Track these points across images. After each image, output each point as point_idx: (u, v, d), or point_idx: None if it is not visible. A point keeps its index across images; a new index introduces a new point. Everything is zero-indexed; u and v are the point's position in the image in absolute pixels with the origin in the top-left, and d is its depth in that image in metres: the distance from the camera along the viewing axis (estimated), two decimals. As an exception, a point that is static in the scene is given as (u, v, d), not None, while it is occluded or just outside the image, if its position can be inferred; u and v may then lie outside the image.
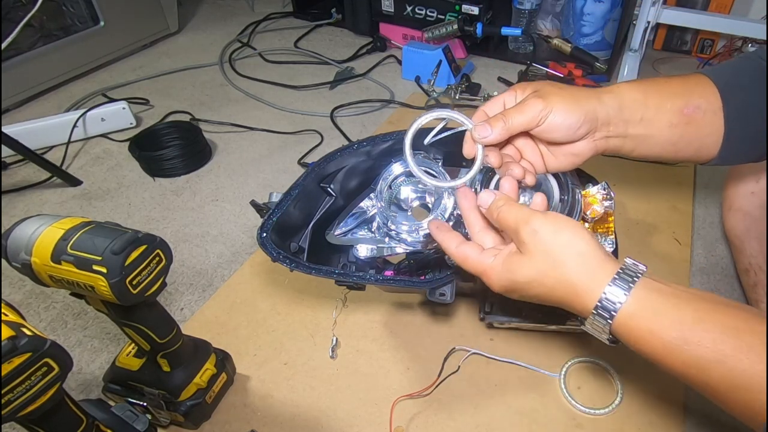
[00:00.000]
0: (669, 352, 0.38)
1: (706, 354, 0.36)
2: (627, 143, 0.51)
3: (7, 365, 0.37)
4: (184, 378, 0.60)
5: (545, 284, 0.42)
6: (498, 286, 0.45)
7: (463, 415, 0.65)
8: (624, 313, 0.39)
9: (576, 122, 0.47)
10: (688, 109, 0.50)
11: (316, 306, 0.79)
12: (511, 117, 0.47)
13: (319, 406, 0.67)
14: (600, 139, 0.50)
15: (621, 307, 0.39)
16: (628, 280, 0.40)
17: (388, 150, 0.65)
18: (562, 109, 0.47)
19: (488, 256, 0.46)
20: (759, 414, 0.35)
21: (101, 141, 1.18)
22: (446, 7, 1.42)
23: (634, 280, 0.40)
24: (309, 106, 1.29)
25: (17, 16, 1.18)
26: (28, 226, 0.47)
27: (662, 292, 0.39)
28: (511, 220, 0.44)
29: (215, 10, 1.83)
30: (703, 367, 0.37)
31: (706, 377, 0.37)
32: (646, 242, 0.88)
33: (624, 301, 0.39)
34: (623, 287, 0.39)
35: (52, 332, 0.76)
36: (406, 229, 0.61)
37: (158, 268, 0.49)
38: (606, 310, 0.40)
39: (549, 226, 0.42)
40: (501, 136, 0.48)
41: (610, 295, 0.39)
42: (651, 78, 0.53)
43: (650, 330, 0.38)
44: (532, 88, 0.49)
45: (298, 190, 0.61)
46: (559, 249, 0.41)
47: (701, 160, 0.53)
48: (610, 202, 0.61)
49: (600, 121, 0.48)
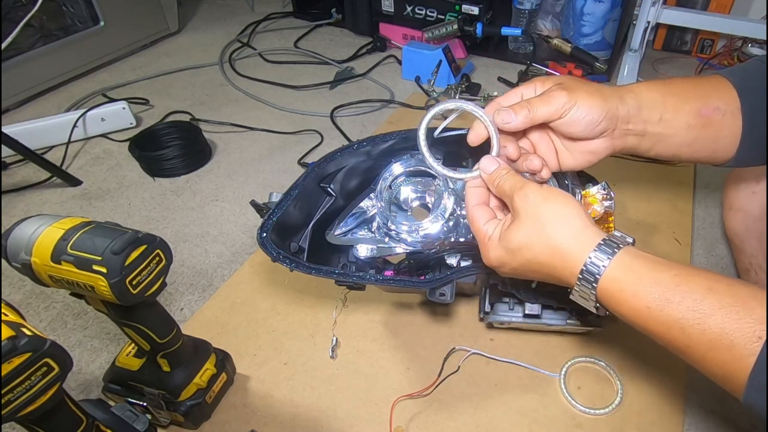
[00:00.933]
0: (651, 313, 0.39)
1: (686, 314, 0.37)
2: (644, 142, 0.51)
3: (7, 365, 0.37)
4: (184, 378, 0.60)
5: (533, 249, 0.43)
6: (493, 258, 0.47)
7: (463, 415, 0.65)
8: (608, 277, 0.40)
9: (598, 117, 0.47)
10: (707, 110, 0.50)
11: (316, 306, 0.79)
12: (536, 106, 0.47)
13: (319, 406, 0.67)
14: (618, 138, 0.50)
15: (604, 270, 0.40)
16: (613, 246, 0.41)
17: (388, 150, 0.65)
18: (585, 104, 0.47)
19: (490, 226, 0.47)
20: (735, 373, 0.35)
21: (101, 141, 1.18)
22: (446, 7, 1.42)
23: (619, 247, 0.41)
24: (309, 106, 1.29)
25: (17, 16, 1.18)
26: (28, 226, 0.47)
27: (645, 257, 0.40)
28: (507, 187, 0.46)
29: (215, 10, 1.84)
30: (683, 326, 0.37)
31: (686, 338, 0.38)
32: (646, 242, 0.88)
33: (607, 265, 0.40)
34: (607, 252, 0.41)
35: (52, 332, 0.76)
36: (406, 229, 0.61)
37: (158, 268, 0.49)
38: (591, 274, 0.41)
39: (540, 192, 0.44)
40: (524, 124, 0.48)
41: (594, 260, 0.41)
42: (670, 78, 0.53)
43: (634, 292, 0.39)
44: (553, 81, 0.49)
45: (298, 190, 0.60)
46: (547, 213, 0.43)
47: (717, 161, 0.53)
48: (610, 202, 0.61)
49: (620, 119, 0.49)
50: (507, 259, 0.46)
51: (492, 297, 0.69)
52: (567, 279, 0.43)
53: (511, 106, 0.48)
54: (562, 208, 0.43)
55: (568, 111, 0.47)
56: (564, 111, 0.47)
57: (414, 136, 0.65)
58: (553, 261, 0.43)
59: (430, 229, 0.60)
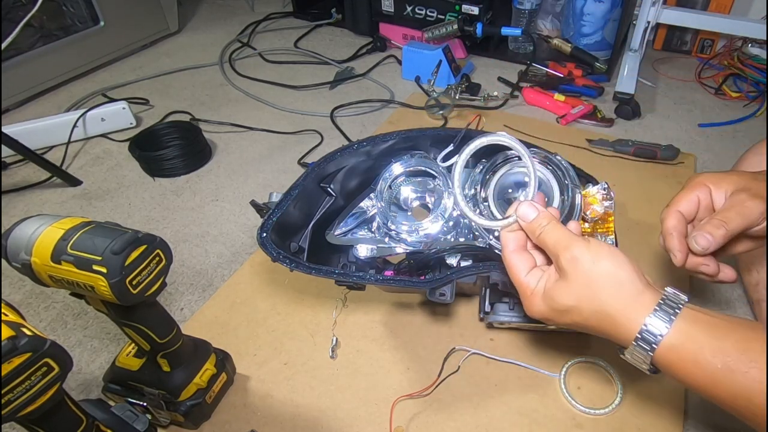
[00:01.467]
0: (715, 383, 0.37)
1: (752, 384, 0.36)
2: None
3: (7, 365, 0.37)
4: (184, 378, 0.60)
5: (583, 313, 0.42)
6: (537, 313, 0.45)
7: (463, 415, 0.65)
8: (666, 345, 0.39)
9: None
10: None
11: (316, 306, 0.79)
12: (732, 222, 0.47)
13: (319, 406, 0.67)
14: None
15: (662, 339, 0.39)
16: (669, 312, 0.39)
17: (388, 150, 0.65)
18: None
19: (533, 278, 0.45)
20: None
21: (101, 141, 1.18)
22: (446, 7, 1.42)
23: (676, 312, 0.39)
24: (309, 106, 1.29)
25: (17, 16, 1.18)
26: (28, 226, 0.47)
27: (705, 322, 0.39)
28: (551, 242, 0.43)
29: (215, 10, 1.84)
30: (750, 397, 0.36)
31: (754, 407, 0.36)
32: (646, 242, 0.88)
33: (665, 333, 0.39)
34: (665, 319, 0.39)
35: (52, 332, 0.76)
36: (406, 229, 0.61)
37: (158, 268, 0.49)
38: (647, 342, 0.39)
39: (589, 254, 0.42)
40: (719, 245, 0.47)
41: (651, 327, 0.39)
42: None
43: (694, 361, 0.38)
44: (731, 183, 0.49)
45: (298, 190, 0.61)
46: (599, 278, 0.41)
47: None
48: (610, 202, 0.61)
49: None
50: (553, 316, 0.44)
51: (492, 297, 0.69)
52: (621, 341, 0.42)
53: (705, 227, 0.47)
54: (615, 271, 0.41)
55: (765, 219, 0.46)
56: (761, 219, 0.46)
57: (414, 136, 0.65)
58: (604, 326, 0.42)
59: (430, 229, 0.60)
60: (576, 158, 1.04)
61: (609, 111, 1.23)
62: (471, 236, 0.61)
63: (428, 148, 0.67)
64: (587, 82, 1.30)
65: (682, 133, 1.17)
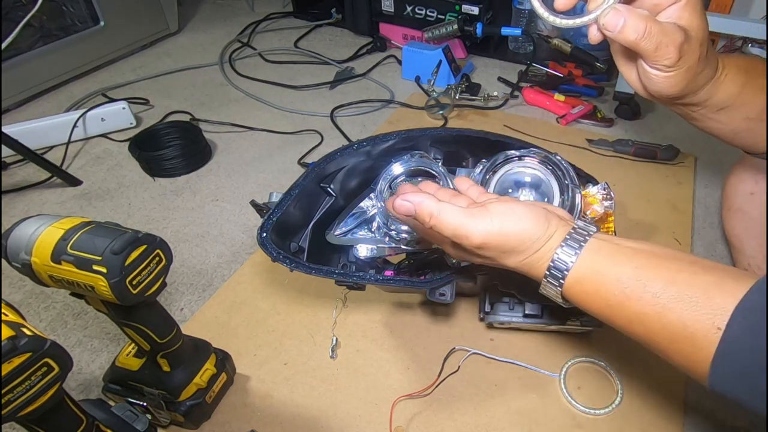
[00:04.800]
0: (613, 310, 0.39)
1: (646, 308, 0.37)
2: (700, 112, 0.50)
3: (7, 365, 0.37)
4: (184, 378, 0.60)
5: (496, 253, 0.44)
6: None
7: (463, 415, 0.65)
8: (572, 277, 0.41)
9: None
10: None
11: (316, 306, 0.79)
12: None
13: (319, 406, 0.67)
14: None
15: (569, 272, 0.41)
16: (575, 245, 0.41)
17: (388, 150, 0.65)
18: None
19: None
20: (698, 364, 0.35)
21: (101, 141, 1.18)
22: (446, 7, 1.42)
23: (582, 244, 0.41)
24: (309, 106, 1.29)
25: (17, 16, 1.18)
26: (28, 226, 0.47)
27: (607, 251, 0.40)
28: (449, 234, 0.45)
29: (215, 10, 1.83)
30: (644, 321, 0.37)
31: (648, 331, 0.38)
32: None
33: (571, 265, 0.40)
34: (570, 252, 0.41)
35: (52, 332, 0.76)
36: (406, 229, 0.61)
37: (158, 268, 0.49)
38: (557, 274, 0.41)
39: (491, 227, 0.43)
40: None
41: (558, 259, 0.41)
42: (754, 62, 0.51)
43: (596, 291, 0.40)
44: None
45: (298, 190, 0.60)
46: (513, 206, 0.43)
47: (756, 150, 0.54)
48: (610, 202, 0.61)
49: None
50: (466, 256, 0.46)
51: (492, 297, 0.69)
52: (536, 272, 0.44)
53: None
54: (525, 203, 0.44)
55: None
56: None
57: (414, 136, 0.65)
58: (522, 247, 0.43)
59: (430, 229, 0.60)
60: (576, 158, 1.04)
61: (609, 111, 1.23)
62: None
63: (428, 148, 0.67)
64: (587, 82, 1.31)
65: (682, 133, 1.17)
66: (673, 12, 0.44)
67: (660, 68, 0.44)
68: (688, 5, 0.44)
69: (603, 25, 0.42)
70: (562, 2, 0.44)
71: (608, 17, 0.42)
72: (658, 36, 0.41)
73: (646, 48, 0.42)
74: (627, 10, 0.41)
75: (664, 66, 0.43)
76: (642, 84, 0.48)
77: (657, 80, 0.45)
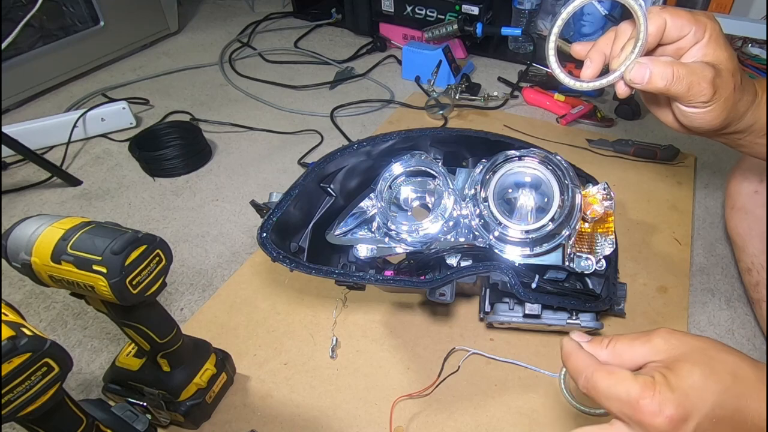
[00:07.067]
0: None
1: None
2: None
3: (7, 365, 0.37)
4: (184, 378, 0.60)
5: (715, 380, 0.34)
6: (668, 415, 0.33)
7: (463, 415, 0.65)
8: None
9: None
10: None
11: (316, 306, 0.79)
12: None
13: (319, 406, 0.67)
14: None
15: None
16: None
17: (388, 150, 0.65)
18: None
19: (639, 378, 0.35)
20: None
21: (101, 141, 1.18)
22: (446, 7, 1.42)
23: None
24: (309, 106, 1.29)
25: (17, 16, 1.18)
26: (28, 226, 0.47)
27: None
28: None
29: (215, 10, 1.83)
30: None
31: None
32: (646, 242, 0.88)
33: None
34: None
35: (52, 332, 0.76)
36: (406, 229, 0.61)
37: (158, 268, 0.49)
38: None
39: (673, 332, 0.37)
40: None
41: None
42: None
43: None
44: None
45: (298, 190, 0.60)
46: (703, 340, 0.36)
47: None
48: (610, 202, 0.61)
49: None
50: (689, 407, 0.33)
51: (492, 297, 0.69)
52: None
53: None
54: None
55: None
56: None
57: (414, 136, 0.65)
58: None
59: (430, 229, 0.60)
60: (576, 158, 1.04)
61: (609, 111, 1.23)
62: (471, 236, 0.61)
63: (428, 148, 0.67)
64: (587, 82, 1.30)
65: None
66: (698, 51, 0.44)
67: (697, 105, 0.44)
68: (710, 42, 0.44)
69: (630, 81, 0.43)
70: (588, 75, 0.47)
71: (633, 72, 0.43)
72: (687, 77, 0.42)
73: (678, 91, 0.42)
74: (650, 60, 0.42)
75: (700, 103, 0.43)
76: (680, 123, 0.48)
77: (696, 117, 0.45)
